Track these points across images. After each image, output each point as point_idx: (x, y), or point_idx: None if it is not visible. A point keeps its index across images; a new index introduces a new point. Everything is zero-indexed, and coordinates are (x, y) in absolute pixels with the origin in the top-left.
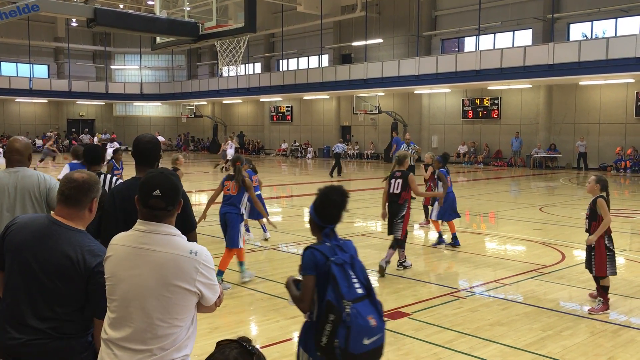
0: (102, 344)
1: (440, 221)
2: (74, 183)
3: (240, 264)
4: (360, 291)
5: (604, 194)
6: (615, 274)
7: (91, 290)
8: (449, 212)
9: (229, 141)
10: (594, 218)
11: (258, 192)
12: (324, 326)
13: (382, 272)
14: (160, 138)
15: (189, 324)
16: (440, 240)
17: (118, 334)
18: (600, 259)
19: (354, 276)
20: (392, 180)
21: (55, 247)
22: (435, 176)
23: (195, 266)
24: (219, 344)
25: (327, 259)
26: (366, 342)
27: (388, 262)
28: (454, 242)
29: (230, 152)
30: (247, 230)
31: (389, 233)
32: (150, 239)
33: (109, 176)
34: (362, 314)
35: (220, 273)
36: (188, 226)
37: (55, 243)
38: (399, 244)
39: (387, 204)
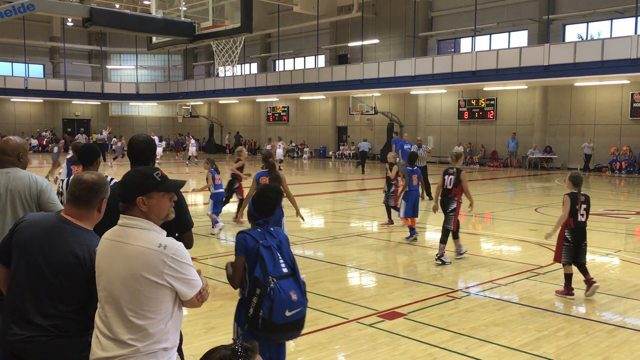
0: (92, 335)
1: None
2: (84, 184)
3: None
4: (285, 270)
5: (575, 190)
6: (569, 264)
7: (95, 290)
8: (412, 209)
9: (279, 142)
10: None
11: (220, 190)
12: (252, 299)
13: (443, 263)
14: (155, 138)
15: (167, 317)
16: (412, 233)
17: (101, 324)
18: (558, 247)
19: (280, 258)
20: (446, 177)
21: (63, 244)
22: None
23: (163, 259)
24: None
25: (257, 242)
26: (288, 314)
27: (442, 254)
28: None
29: (279, 153)
30: (217, 222)
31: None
32: (125, 232)
33: (111, 179)
34: (285, 289)
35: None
36: (182, 226)
37: (63, 241)
38: (453, 236)
39: (439, 198)
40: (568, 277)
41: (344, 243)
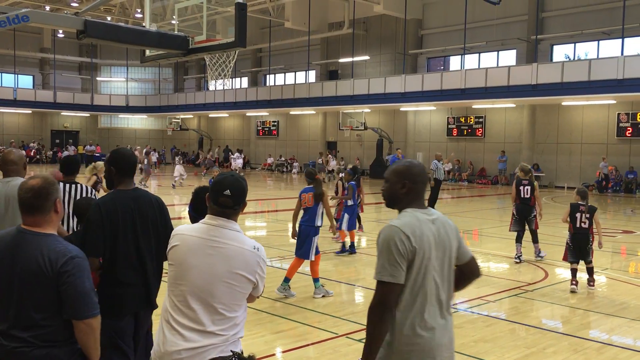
0: (165, 327)
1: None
2: (31, 191)
3: (315, 280)
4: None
5: (582, 202)
6: (573, 262)
7: (62, 292)
8: (352, 222)
9: (329, 155)
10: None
11: None
12: None
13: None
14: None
15: (244, 309)
16: (343, 250)
17: (184, 317)
18: (565, 249)
19: None
20: (521, 187)
21: (25, 254)
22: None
23: (257, 260)
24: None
25: None
26: None
27: (537, 252)
28: (352, 250)
29: (332, 164)
30: None
31: (521, 228)
32: (220, 232)
33: (84, 186)
34: None
35: (286, 280)
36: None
37: (24, 251)
38: (534, 240)
39: (517, 205)
40: (573, 272)
41: (333, 258)
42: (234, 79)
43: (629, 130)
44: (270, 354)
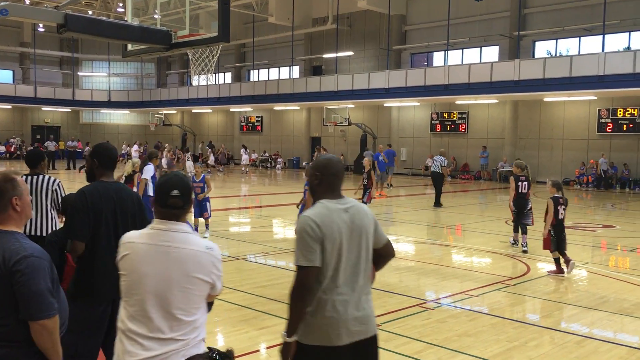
0: (123, 338)
1: None
2: None
3: None
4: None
5: (558, 194)
6: (556, 251)
7: (16, 291)
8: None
9: (325, 151)
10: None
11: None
12: None
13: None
14: (135, 147)
15: (204, 310)
16: None
17: (142, 327)
18: (546, 240)
19: None
20: (520, 183)
21: None
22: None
23: (212, 260)
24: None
25: None
26: None
27: (524, 243)
28: None
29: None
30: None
31: (523, 221)
32: (170, 237)
33: (49, 177)
34: None
35: None
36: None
37: None
38: (524, 231)
39: (515, 199)
40: (557, 260)
41: None
42: (217, 75)
43: (610, 126)
44: (255, 350)
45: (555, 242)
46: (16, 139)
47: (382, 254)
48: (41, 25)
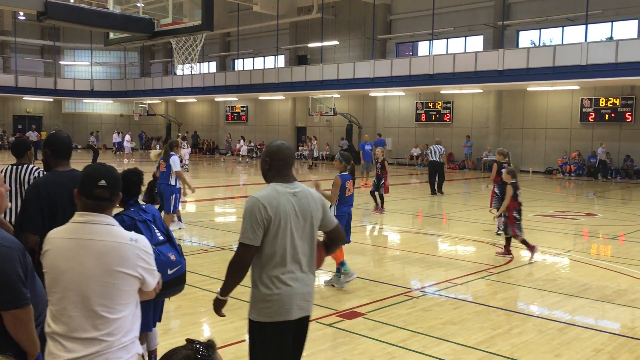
0: (48, 339)
1: None
2: None
3: (342, 263)
4: (161, 238)
5: (514, 180)
6: (520, 236)
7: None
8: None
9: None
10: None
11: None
12: None
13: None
14: (127, 137)
15: (134, 308)
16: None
17: (63, 326)
18: (511, 224)
19: (155, 229)
20: (503, 170)
21: None
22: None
23: (137, 252)
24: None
25: (133, 219)
26: (169, 272)
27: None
28: None
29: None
30: (180, 220)
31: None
32: (90, 229)
33: (34, 167)
34: (164, 252)
35: (342, 264)
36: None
37: None
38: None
39: (499, 185)
40: (524, 242)
41: None
42: (201, 64)
43: (592, 115)
44: (240, 340)
45: (519, 225)
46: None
47: (332, 238)
48: (22, 13)
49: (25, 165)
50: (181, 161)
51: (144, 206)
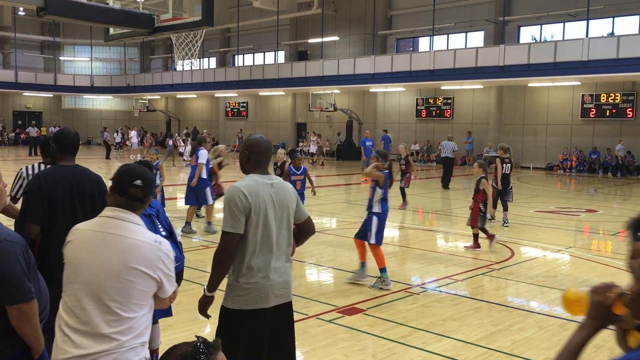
0: (57, 333)
1: None
2: None
3: (362, 264)
4: (163, 233)
5: (484, 174)
6: (482, 227)
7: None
8: None
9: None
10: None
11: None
12: None
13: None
14: (133, 132)
15: (147, 311)
16: None
17: (75, 318)
18: (474, 216)
19: (159, 224)
20: (503, 165)
21: None
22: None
23: (159, 254)
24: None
25: None
26: None
27: (505, 220)
28: None
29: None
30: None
31: (504, 198)
32: (117, 224)
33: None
34: None
35: (383, 270)
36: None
37: None
38: (506, 207)
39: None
40: (476, 236)
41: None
42: (201, 59)
43: (593, 111)
44: None
45: (484, 217)
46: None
47: (303, 229)
48: (21, 8)
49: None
50: (182, 155)
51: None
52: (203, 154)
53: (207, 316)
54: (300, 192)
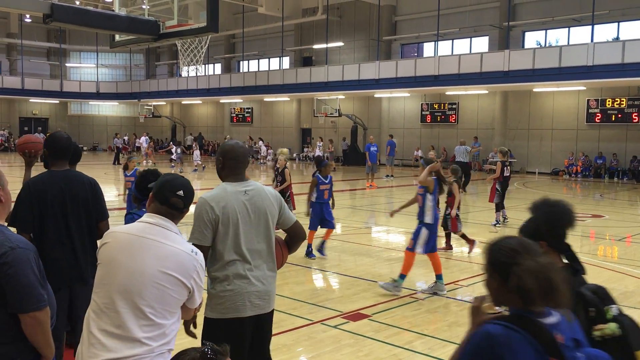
0: (86, 336)
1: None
2: None
3: (401, 276)
4: None
5: (455, 178)
6: (460, 230)
7: (4, 284)
8: (313, 221)
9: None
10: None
11: None
12: None
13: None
14: (144, 138)
15: (176, 319)
16: (308, 251)
17: (108, 320)
18: (454, 222)
19: None
20: (504, 167)
21: None
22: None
23: (194, 264)
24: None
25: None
26: None
27: (505, 216)
28: (309, 255)
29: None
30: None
31: (502, 200)
32: (157, 231)
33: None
34: None
35: (439, 277)
36: (102, 215)
37: None
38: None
39: (501, 182)
40: (448, 236)
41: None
42: (207, 65)
43: (598, 116)
44: None
45: (460, 221)
46: (4, 130)
47: (291, 235)
48: (28, 15)
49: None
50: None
51: None
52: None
53: (193, 336)
54: (326, 201)
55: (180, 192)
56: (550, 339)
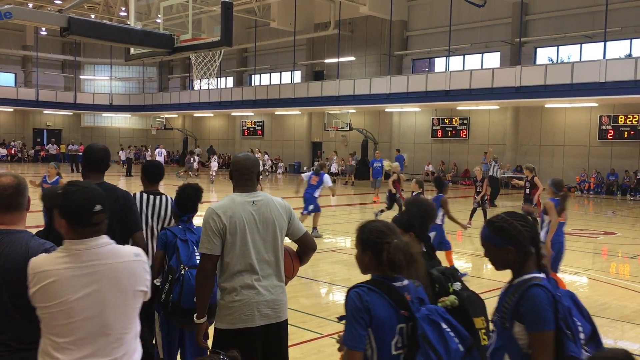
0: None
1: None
2: (10, 189)
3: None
4: (199, 260)
5: (420, 190)
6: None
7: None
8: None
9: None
10: None
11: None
12: (165, 285)
13: None
14: (163, 151)
15: (138, 319)
16: None
17: (80, 354)
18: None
19: (196, 251)
20: (526, 183)
21: (10, 252)
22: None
23: (143, 267)
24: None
25: (175, 237)
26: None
27: None
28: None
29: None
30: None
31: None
32: (95, 254)
33: (165, 197)
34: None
35: None
36: (135, 227)
37: (8, 249)
38: None
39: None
40: None
41: (317, 258)
42: (219, 79)
43: (611, 132)
44: None
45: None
46: (17, 142)
47: (302, 246)
48: (43, 28)
49: (160, 196)
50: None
51: (194, 227)
52: (327, 179)
53: (205, 346)
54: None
55: (98, 207)
56: (401, 297)
